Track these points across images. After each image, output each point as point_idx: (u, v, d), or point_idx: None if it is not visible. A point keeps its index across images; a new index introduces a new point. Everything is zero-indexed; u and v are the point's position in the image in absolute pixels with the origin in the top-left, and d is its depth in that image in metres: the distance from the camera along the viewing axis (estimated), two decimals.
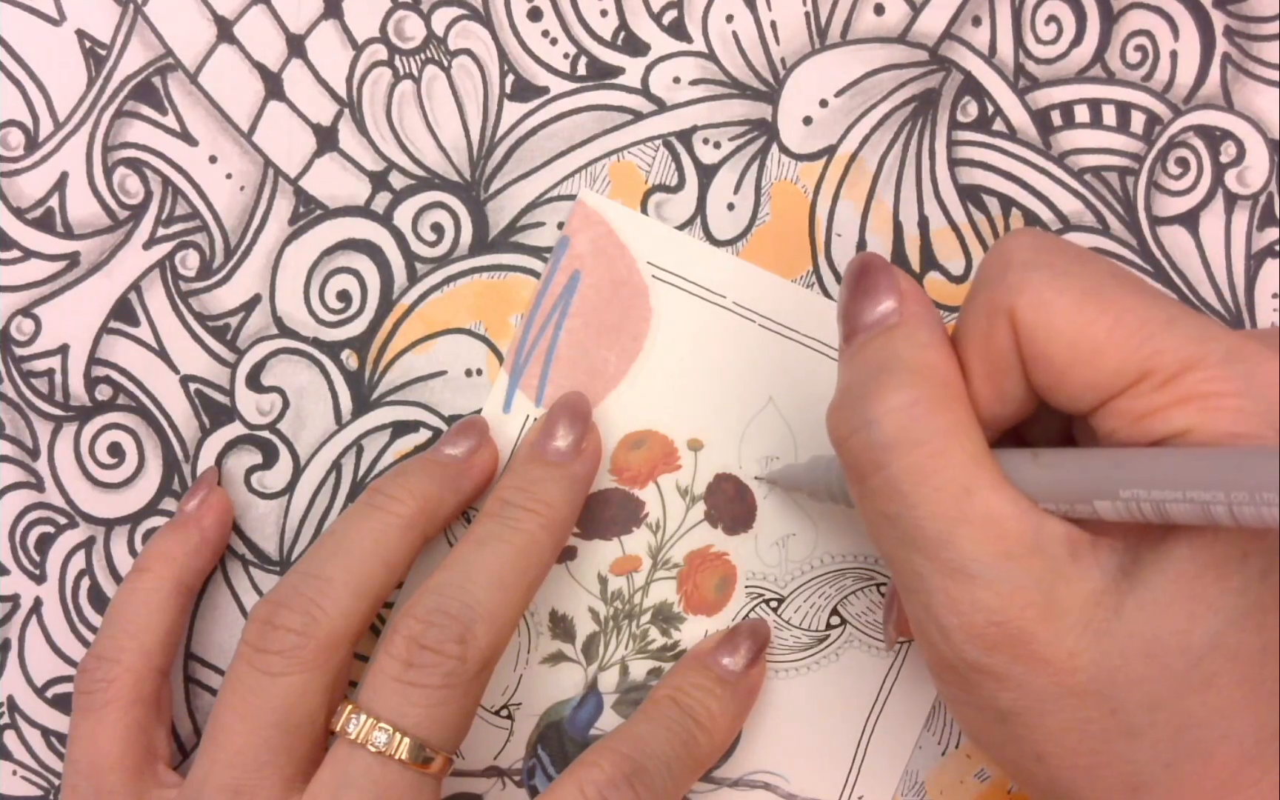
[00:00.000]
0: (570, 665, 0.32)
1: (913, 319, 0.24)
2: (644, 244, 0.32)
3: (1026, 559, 0.22)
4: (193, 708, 0.33)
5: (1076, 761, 0.22)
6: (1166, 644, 0.21)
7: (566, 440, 0.30)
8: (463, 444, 0.31)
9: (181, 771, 0.31)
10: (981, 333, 0.23)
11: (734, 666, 0.31)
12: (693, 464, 0.32)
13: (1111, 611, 0.21)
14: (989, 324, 0.23)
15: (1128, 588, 0.21)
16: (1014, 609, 0.21)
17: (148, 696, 0.30)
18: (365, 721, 0.26)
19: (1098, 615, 0.21)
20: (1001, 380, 0.23)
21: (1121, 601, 0.21)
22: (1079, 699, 0.21)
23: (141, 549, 0.32)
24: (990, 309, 0.23)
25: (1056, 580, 0.21)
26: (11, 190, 0.33)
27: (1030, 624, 0.21)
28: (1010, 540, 0.22)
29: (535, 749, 0.32)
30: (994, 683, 0.22)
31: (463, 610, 0.27)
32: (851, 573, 0.32)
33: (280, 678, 0.27)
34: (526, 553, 0.28)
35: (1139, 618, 0.21)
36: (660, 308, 0.32)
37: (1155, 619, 0.21)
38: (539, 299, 0.32)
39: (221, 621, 0.33)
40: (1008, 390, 0.23)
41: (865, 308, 0.24)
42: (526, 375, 0.32)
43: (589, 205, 0.32)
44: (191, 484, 0.32)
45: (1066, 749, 0.22)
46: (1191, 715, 0.21)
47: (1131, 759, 0.21)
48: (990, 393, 0.23)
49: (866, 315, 0.24)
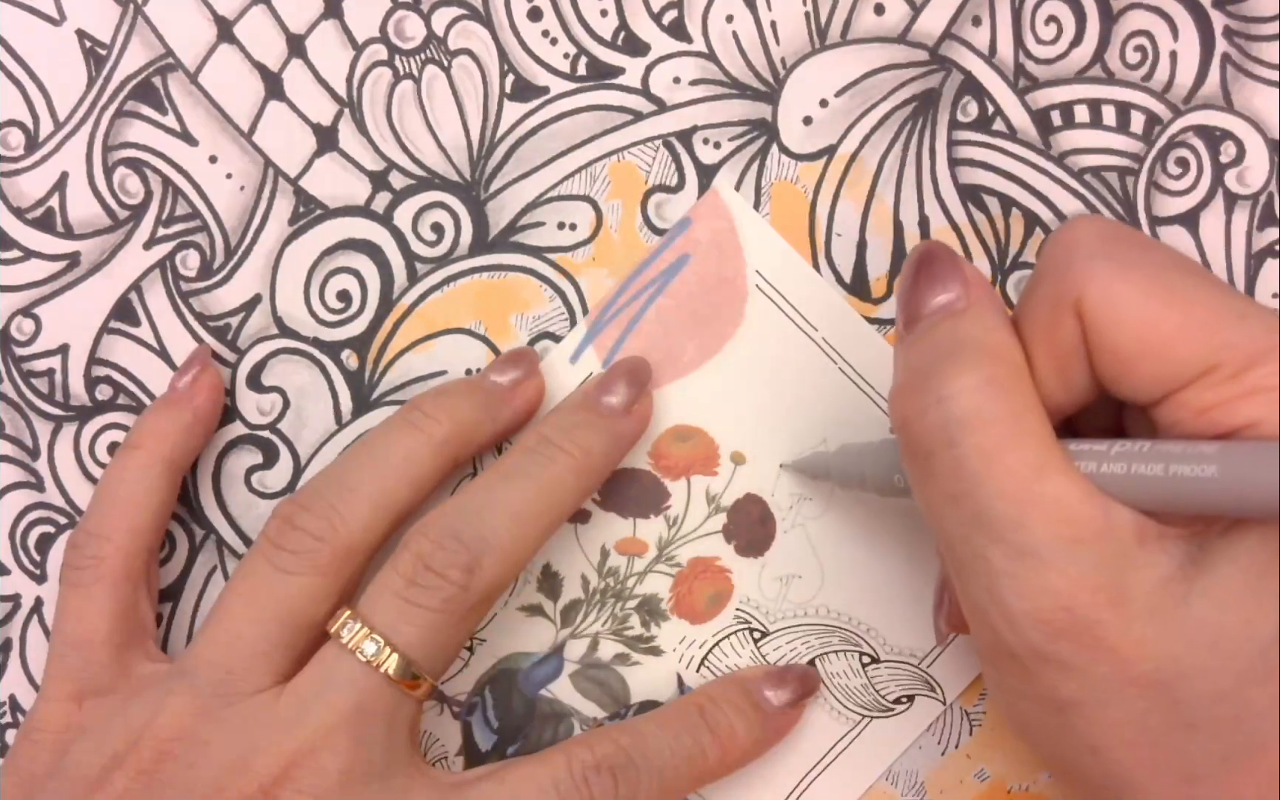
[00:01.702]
0: (544, 622, 0.32)
1: (980, 304, 0.24)
2: (759, 252, 0.32)
3: (1096, 544, 0.21)
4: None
5: (1134, 754, 0.22)
6: (1233, 635, 0.21)
7: (620, 397, 0.30)
8: (510, 373, 0.31)
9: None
10: (1046, 323, 0.23)
11: (775, 700, 0.30)
12: (729, 476, 0.32)
13: (1179, 600, 0.21)
14: (1054, 314, 0.22)
15: (1195, 576, 0.21)
16: (1083, 594, 0.21)
17: (137, 574, 0.30)
18: (359, 629, 0.27)
19: (1165, 604, 0.21)
20: (1066, 370, 0.23)
21: (1189, 591, 0.21)
22: (1141, 689, 0.21)
23: (132, 424, 0.32)
24: (1055, 299, 0.22)
25: (1126, 567, 0.21)
26: (11, 190, 0.33)
27: (1099, 610, 0.21)
28: (1080, 525, 0.21)
29: (483, 689, 0.32)
30: (1056, 671, 0.22)
31: (475, 539, 0.27)
32: (840, 633, 0.32)
33: (292, 577, 0.27)
34: (550, 493, 0.28)
35: (1206, 607, 0.21)
36: (753, 318, 0.32)
37: (1222, 609, 0.21)
38: (642, 267, 0.32)
39: None
40: (1072, 380, 0.23)
41: (929, 294, 0.24)
42: (603, 335, 0.32)
43: (721, 197, 0.32)
44: (191, 481, 0.33)
45: (1123, 741, 0.22)
46: (1252, 706, 0.21)
47: (1189, 751, 0.21)
48: (1054, 382, 0.23)
49: (930, 301, 0.24)
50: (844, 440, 0.31)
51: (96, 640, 0.29)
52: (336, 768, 0.26)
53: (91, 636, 0.29)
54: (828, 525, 0.32)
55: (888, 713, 0.32)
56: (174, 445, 0.31)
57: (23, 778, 0.28)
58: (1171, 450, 0.21)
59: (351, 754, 0.26)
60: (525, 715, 0.32)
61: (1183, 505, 0.21)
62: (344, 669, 0.27)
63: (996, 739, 0.32)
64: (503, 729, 0.32)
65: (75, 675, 0.29)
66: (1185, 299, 0.21)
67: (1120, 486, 0.22)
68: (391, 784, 0.27)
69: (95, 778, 0.27)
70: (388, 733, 0.27)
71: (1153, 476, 0.21)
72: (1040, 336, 0.23)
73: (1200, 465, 0.21)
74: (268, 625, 0.27)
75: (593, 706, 0.32)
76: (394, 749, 0.27)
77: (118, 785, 0.26)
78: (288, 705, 0.27)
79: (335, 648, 0.27)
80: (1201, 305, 0.21)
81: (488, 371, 0.31)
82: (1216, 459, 0.21)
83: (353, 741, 0.26)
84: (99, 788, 0.27)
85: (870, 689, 0.32)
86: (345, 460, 0.29)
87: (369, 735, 0.27)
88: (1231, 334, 0.21)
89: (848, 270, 0.32)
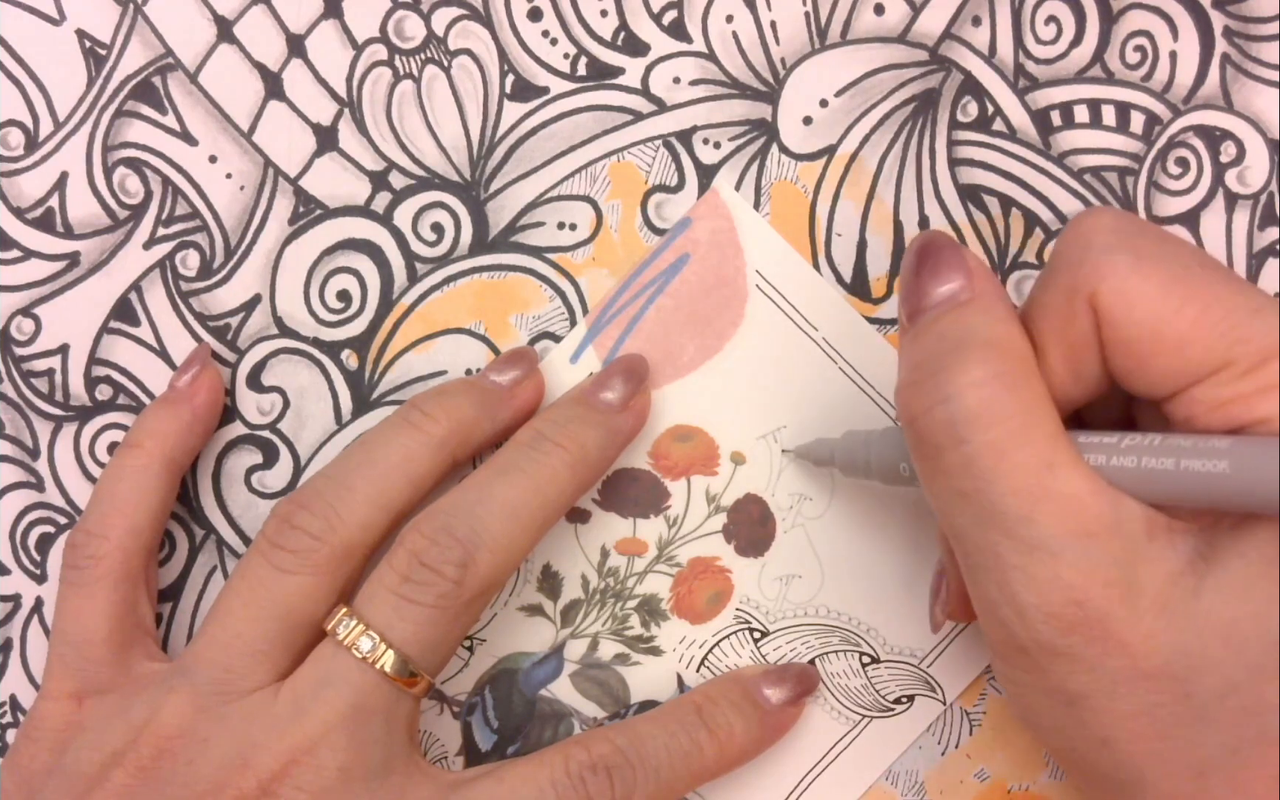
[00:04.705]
0: (544, 622, 0.32)
1: (985, 295, 0.23)
2: (759, 252, 0.32)
3: (1106, 538, 0.21)
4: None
5: (1145, 746, 0.22)
6: (1244, 628, 0.21)
7: (616, 393, 0.30)
8: (509, 372, 0.31)
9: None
10: (1060, 315, 0.23)
11: (773, 698, 0.30)
12: (729, 476, 0.32)
13: (1189, 594, 0.21)
14: (1068, 306, 0.22)
15: (1205, 570, 0.21)
16: (1094, 588, 0.21)
17: (136, 573, 0.30)
18: (354, 626, 0.27)
19: (1175, 597, 0.21)
20: (1078, 363, 0.23)
21: (1199, 584, 0.21)
22: (1152, 682, 0.21)
23: (132, 424, 0.32)
24: (1070, 291, 0.22)
25: (1136, 560, 0.21)
26: (11, 190, 0.33)
27: (1110, 604, 0.21)
28: (1089, 518, 0.21)
29: (483, 688, 0.32)
30: (1067, 664, 0.22)
31: (469, 534, 0.27)
32: (840, 633, 0.32)
33: (290, 576, 0.28)
34: (546, 488, 0.28)
35: (1217, 601, 0.21)
36: (753, 317, 0.32)
37: (1233, 603, 0.21)
38: (642, 267, 0.32)
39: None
40: (1083, 372, 0.23)
41: (932, 285, 0.24)
42: (604, 334, 0.32)
43: (721, 197, 0.32)
44: (191, 481, 0.33)
45: (1134, 733, 0.22)
46: (1263, 700, 0.21)
47: (1199, 744, 0.21)
48: (1066, 374, 0.23)
49: (934, 293, 0.24)
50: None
51: (96, 639, 0.29)
52: (335, 765, 0.26)
53: (91, 636, 0.29)
54: (828, 525, 0.32)
55: (888, 713, 0.32)
56: (173, 445, 0.31)
57: (23, 776, 0.28)
58: (1182, 444, 0.21)
59: (350, 751, 0.26)
60: (525, 715, 0.32)
61: (1193, 499, 0.21)
62: (340, 666, 0.27)
63: (996, 739, 0.32)
64: (503, 729, 0.32)
65: (75, 674, 0.29)
66: (1201, 294, 0.21)
67: (1130, 480, 0.22)
68: (390, 782, 0.27)
69: (95, 775, 0.27)
70: (386, 730, 0.27)
71: (1163, 470, 0.21)
72: (1053, 328, 0.23)
73: (1212, 460, 0.21)
74: (266, 624, 0.27)
75: (593, 706, 0.32)
76: (393, 746, 0.27)
77: (117, 782, 0.26)
78: (286, 703, 0.27)
79: (332, 645, 0.27)
80: (1217, 301, 0.21)
81: (487, 371, 0.31)
82: (1228, 454, 0.21)
83: (351, 739, 0.26)
84: (99, 784, 0.27)
85: (870, 689, 0.32)
86: (344, 460, 0.29)
87: (367, 733, 0.27)
88: (1246, 330, 0.21)
89: (848, 270, 0.32)
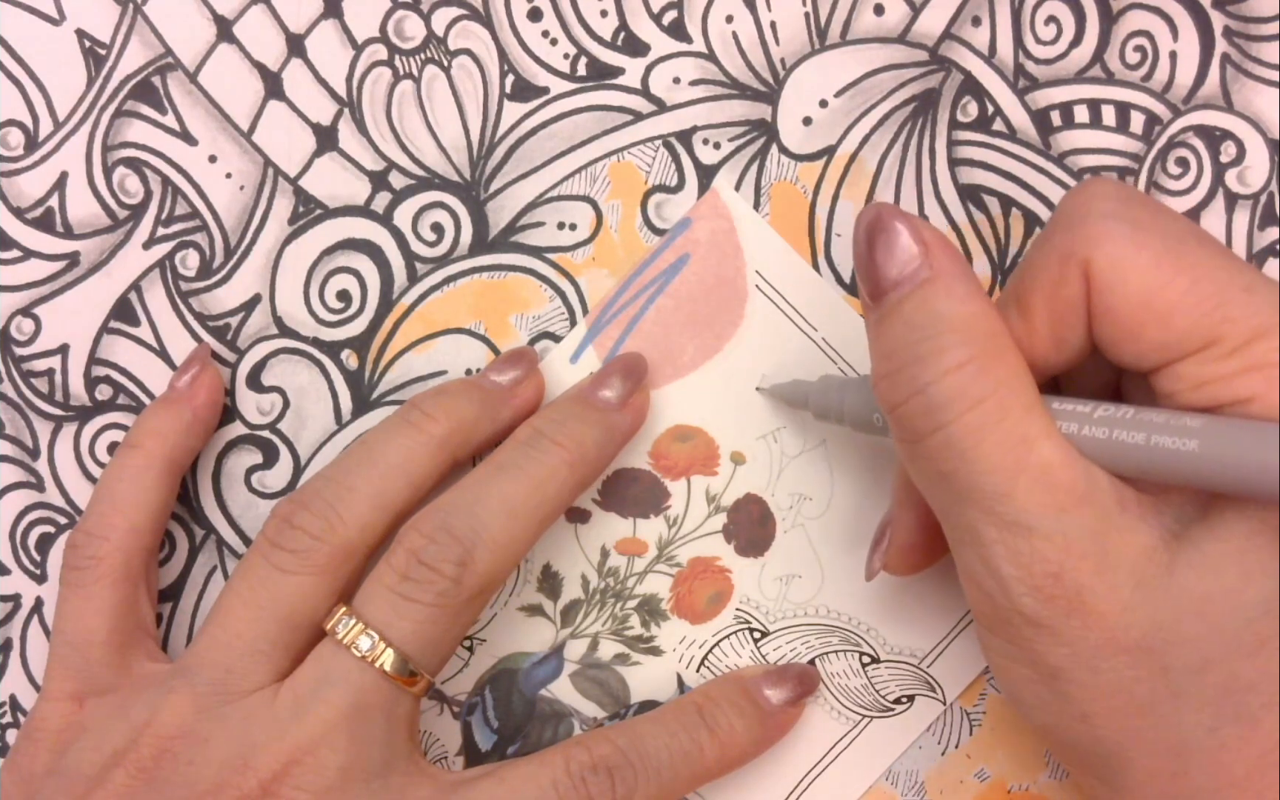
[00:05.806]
0: (544, 622, 0.32)
1: (945, 272, 0.23)
2: (759, 252, 0.32)
3: (1078, 510, 0.21)
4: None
5: (1123, 722, 0.22)
6: (1219, 604, 0.21)
7: (615, 391, 0.30)
8: (509, 372, 0.31)
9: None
10: (1051, 278, 0.23)
11: (774, 699, 0.30)
12: (729, 476, 0.32)
13: (1163, 568, 0.21)
14: (1060, 270, 0.22)
15: (1178, 547, 0.21)
16: (1070, 560, 0.21)
17: (136, 573, 0.30)
18: (354, 625, 0.27)
19: (1150, 571, 0.21)
20: (1063, 328, 0.23)
21: (1173, 559, 0.21)
22: (1130, 656, 0.21)
23: (132, 423, 0.32)
24: (1064, 255, 0.22)
25: (1109, 531, 0.21)
26: (11, 190, 0.33)
27: (1085, 576, 0.21)
28: (1061, 492, 0.22)
29: (484, 688, 0.32)
30: (1048, 637, 0.22)
31: (468, 533, 0.27)
32: (840, 633, 0.32)
33: (290, 576, 0.28)
34: (544, 486, 0.28)
35: (1191, 576, 0.21)
36: (753, 318, 0.32)
37: (1207, 578, 0.21)
38: (642, 267, 0.32)
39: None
40: (1068, 339, 0.23)
41: (888, 263, 0.23)
42: (604, 334, 0.32)
43: (721, 197, 0.32)
44: (191, 481, 0.33)
45: (1114, 709, 0.22)
46: (1239, 678, 0.21)
47: (1177, 721, 0.21)
48: (1049, 339, 0.23)
49: (891, 271, 0.23)
50: (843, 440, 0.32)
51: (96, 640, 0.29)
52: (335, 765, 0.26)
53: (91, 636, 0.29)
54: (828, 525, 0.32)
55: (888, 713, 0.32)
56: (173, 445, 0.31)
57: (23, 776, 0.28)
58: (1155, 419, 0.21)
59: (350, 751, 0.26)
60: (525, 715, 0.32)
61: (1163, 476, 0.21)
62: (340, 666, 0.27)
63: (996, 739, 0.32)
64: (503, 729, 0.32)
65: (75, 675, 0.29)
66: (1195, 268, 0.21)
67: (1101, 451, 0.22)
68: (390, 781, 0.27)
69: (95, 775, 0.27)
70: (386, 729, 0.27)
71: (1134, 444, 0.21)
72: (1042, 290, 0.23)
73: (1182, 438, 0.21)
74: (266, 624, 0.27)
75: (593, 706, 0.32)
76: (393, 746, 0.27)
77: (118, 782, 0.26)
78: (286, 703, 0.27)
79: (331, 644, 0.27)
80: (1209, 277, 0.21)
81: (487, 371, 0.31)
82: (1199, 433, 0.20)
83: (351, 738, 0.26)
84: (99, 785, 0.27)
85: (870, 689, 0.32)
86: (344, 459, 0.29)
87: (367, 732, 0.27)
88: (1235, 308, 0.21)
89: (847, 270, 0.32)
